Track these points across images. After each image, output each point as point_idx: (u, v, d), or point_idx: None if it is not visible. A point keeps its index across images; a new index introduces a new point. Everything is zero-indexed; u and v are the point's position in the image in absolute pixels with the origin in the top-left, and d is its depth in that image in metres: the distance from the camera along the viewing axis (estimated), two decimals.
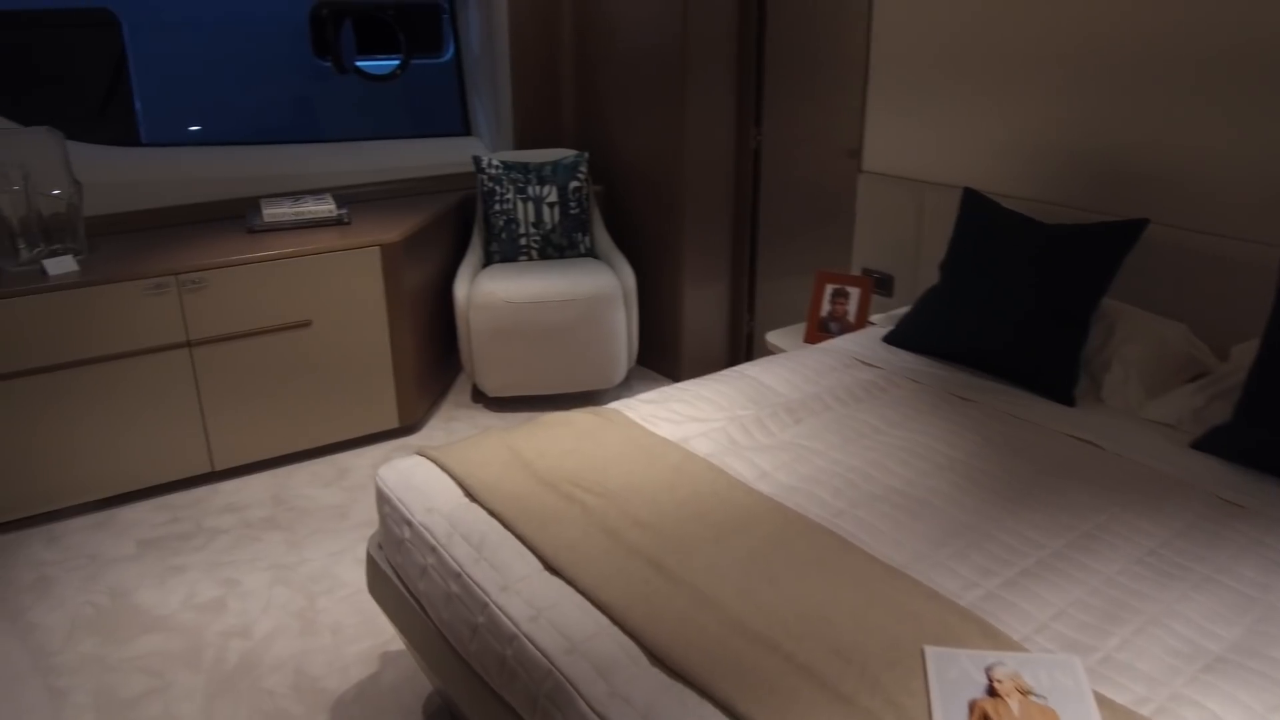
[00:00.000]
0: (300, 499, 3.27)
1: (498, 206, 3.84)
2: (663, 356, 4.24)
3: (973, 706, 1.35)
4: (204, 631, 2.59)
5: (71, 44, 3.78)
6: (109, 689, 2.37)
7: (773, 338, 3.39)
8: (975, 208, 2.81)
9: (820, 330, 3.27)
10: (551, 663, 1.50)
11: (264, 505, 3.23)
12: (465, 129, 4.59)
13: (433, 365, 3.89)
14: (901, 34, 3.26)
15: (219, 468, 3.34)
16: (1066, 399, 2.45)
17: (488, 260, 3.92)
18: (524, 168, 3.87)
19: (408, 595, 1.96)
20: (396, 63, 4.26)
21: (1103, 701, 1.37)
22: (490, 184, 3.84)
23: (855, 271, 3.51)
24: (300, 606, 2.70)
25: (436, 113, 4.60)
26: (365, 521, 3.13)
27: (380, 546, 2.13)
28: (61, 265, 3.03)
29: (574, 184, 3.89)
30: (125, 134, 3.89)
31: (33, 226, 3.09)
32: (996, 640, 1.49)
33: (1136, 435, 2.27)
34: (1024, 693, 1.38)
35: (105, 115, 3.89)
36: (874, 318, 3.09)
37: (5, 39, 3.61)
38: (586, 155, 3.95)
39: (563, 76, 4.40)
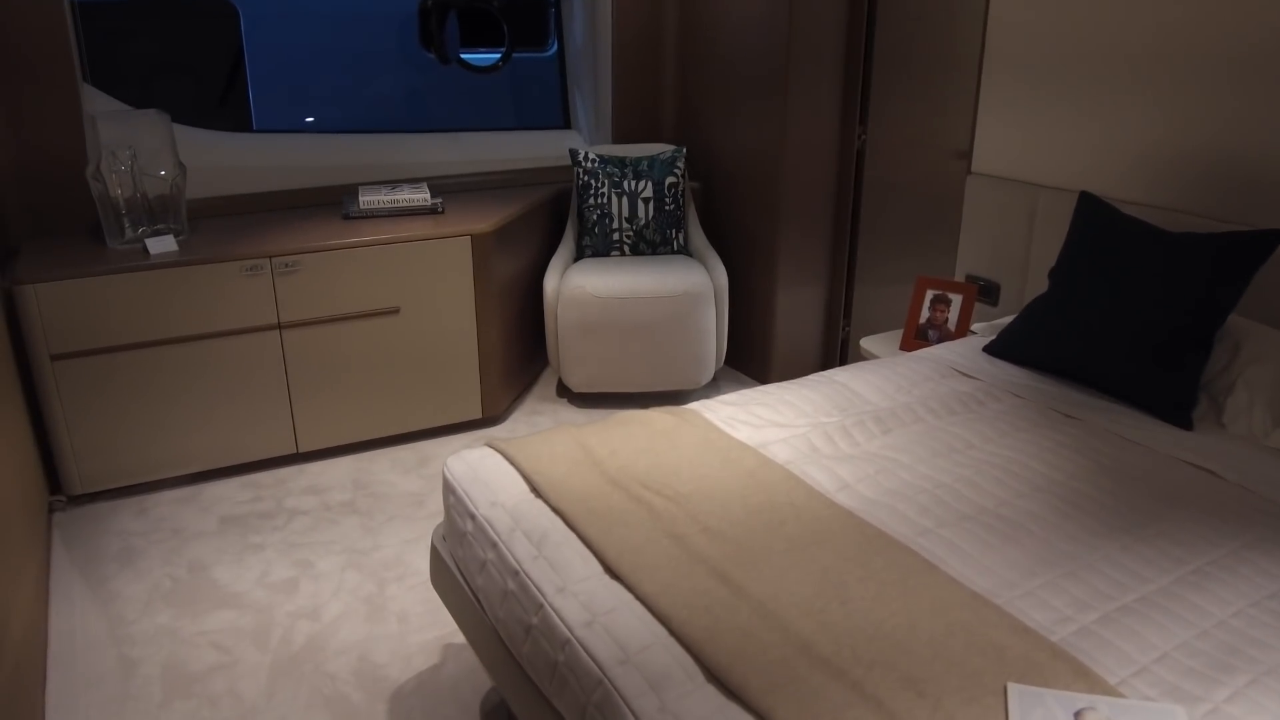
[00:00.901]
0: (380, 485, 3.27)
1: (592, 200, 3.79)
2: (752, 359, 4.13)
3: None
4: (274, 611, 2.60)
5: (196, 34, 3.89)
6: (178, 661, 2.39)
7: (867, 343, 3.25)
8: (1091, 213, 2.63)
9: (918, 338, 3.12)
10: (603, 672, 1.43)
11: (344, 489, 3.25)
12: (564, 122, 4.56)
13: (519, 358, 3.86)
14: (1018, 30, 3.09)
15: (304, 450, 3.37)
16: (1183, 422, 2.25)
17: (579, 254, 3.87)
18: (620, 162, 3.81)
19: (467, 589, 1.92)
20: (499, 55, 4.25)
21: None
22: (586, 177, 3.79)
23: (959, 278, 3.34)
24: (370, 592, 2.69)
25: (537, 106, 4.58)
26: (441, 510, 3.11)
27: (444, 538, 2.09)
28: (162, 244, 3.09)
29: (670, 180, 3.81)
30: (241, 122, 3.98)
31: (138, 207, 3.16)
32: (1089, 681, 1.35)
33: (1260, 465, 2.07)
34: None
35: (225, 103, 3.98)
36: (975, 326, 2.93)
37: (135, 28, 3.73)
38: (684, 151, 3.87)
39: (664, 72, 4.33)
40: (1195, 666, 1.41)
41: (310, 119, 4.15)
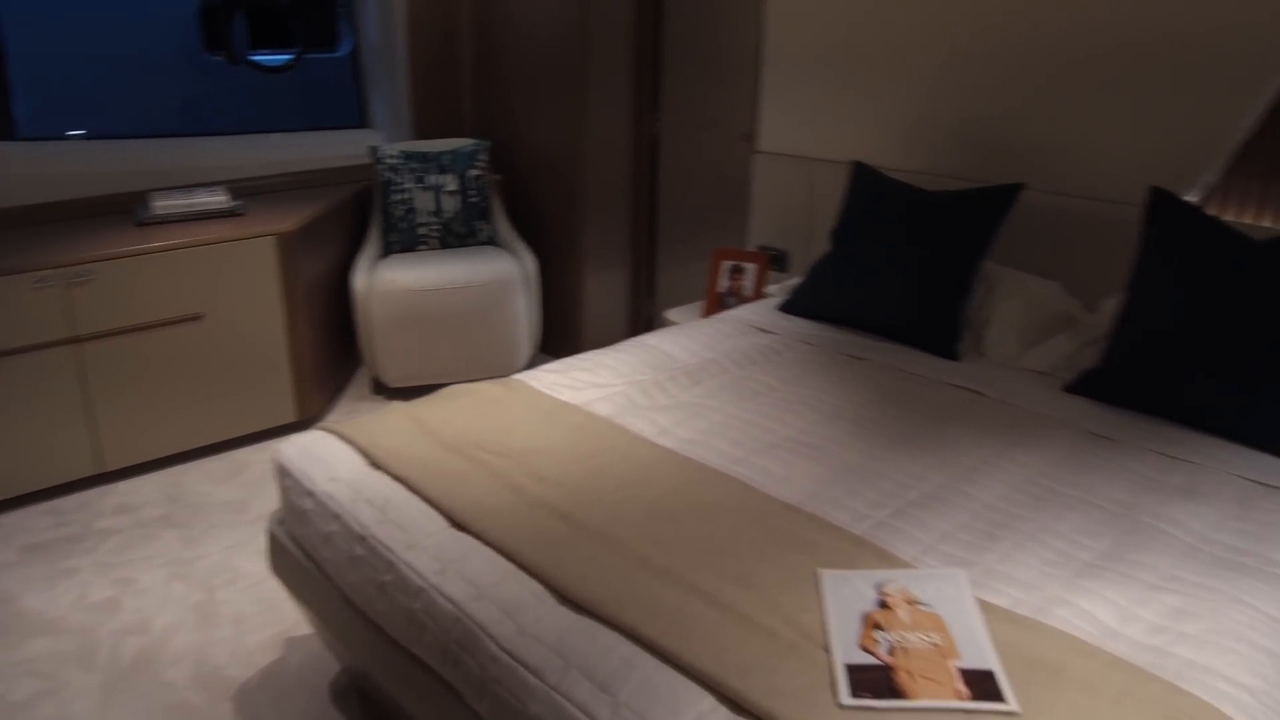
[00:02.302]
0: (196, 496, 3.19)
1: (396, 196, 3.82)
2: (564, 342, 4.27)
3: (865, 618, 1.42)
4: (97, 631, 2.51)
5: None
6: None
7: (672, 314, 3.45)
8: (863, 179, 2.92)
9: (719, 306, 3.35)
10: (460, 609, 1.52)
11: (158, 504, 3.15)
12: (362, 121, 4.55)
13: (332, 357, 3.84)
14: (792, 20, 3.37)
15: (111, 468, 3.24)
16: (950, 354, 2.56)
17: (386, 250, 3.89)
18: (423, 157, 3.86)
19: (311, 566, 1.95)
20: (291, 56, 4.20)
21: (984, 606, 1.45)
22: (388, 173, 3.82)
23: (752, 249, 3.60)
24: (199, 600, 2.64)
25: (333, 106, 4.54)
26: (265, 514, 3.08)
27: (282, 522, 2.11)
28: None
29: (473, 172, 3.90)
30: (3, 130, 3.75)
31: None
32: (888, 561, 1.57)
33: (1014, 382, 2.39)
34: (912, 603, 1.45)
35: None
36: (770, 289, 3.18)
37: None
38: (486, 144, 3.96)
39: (462, 67, 4.40)
40: (971, 540, 1.66)
41: (87, 124, 3.96)
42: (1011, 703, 1.25)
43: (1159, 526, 1.74)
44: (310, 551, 1.94)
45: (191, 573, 2.77)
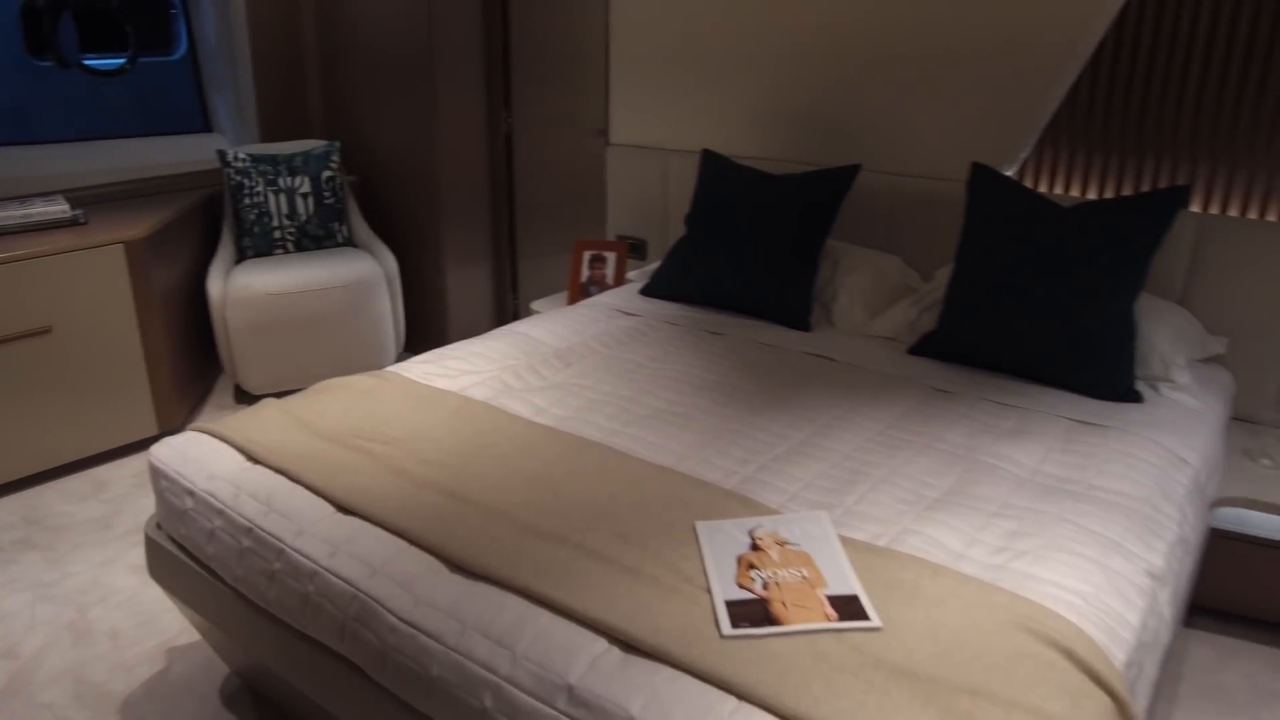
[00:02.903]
0: (55, 517, 3.08)
1: (248, 200, 3.76)
2: (430, 341, 4.29)
3: (740, 560, 1.54)
4: None
5: None
6: None
7: (537, 305, 3.52)
8: (712, 166, 3.06)
9: (582, 295, 3.44)
10: (355, 587, 1.57)
11: (14, 528, 3.02)
12: (205, 125, 4.44)
13: (192, 367, 3.75)
14: (636, 20, 3.49)
15: None
16: (803, 325, 2.73)
17: (241, 255, 3.82)
18: (273, 160, 3.81)
19: (194, 565, 1.95)
20: (124, 59, 4.06)
21: (846, 541, 1.59)
22: (238, 177, 3.75)
23: (611, 239, 3.71)
24: (71, 619, 2.57)
25: (173, 110, 4.41)
26: (133, 529, 3.00)
27: (159, 526, 2.08)
28: None
29: (327, 174, 3.87)
30: None
31: None
32: (756, 510, 1.70)
33: (863, 348, 2.58)
34: (781, 544, 1.58)
35: None
36: (631, 275, 3.30)
37: None
38: (338, 144, 3.94)
39: (307, 68, 4.34)
40: (831, 486, 1.81)
41: None
42: (875, 619, 1.39)
43: (994, 464, 1.94)
44: (193, 550, 1.93)
45: (59, 593, 2.68)
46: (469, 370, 2.40)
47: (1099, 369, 2.30)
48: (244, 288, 3.52)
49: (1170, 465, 2.00)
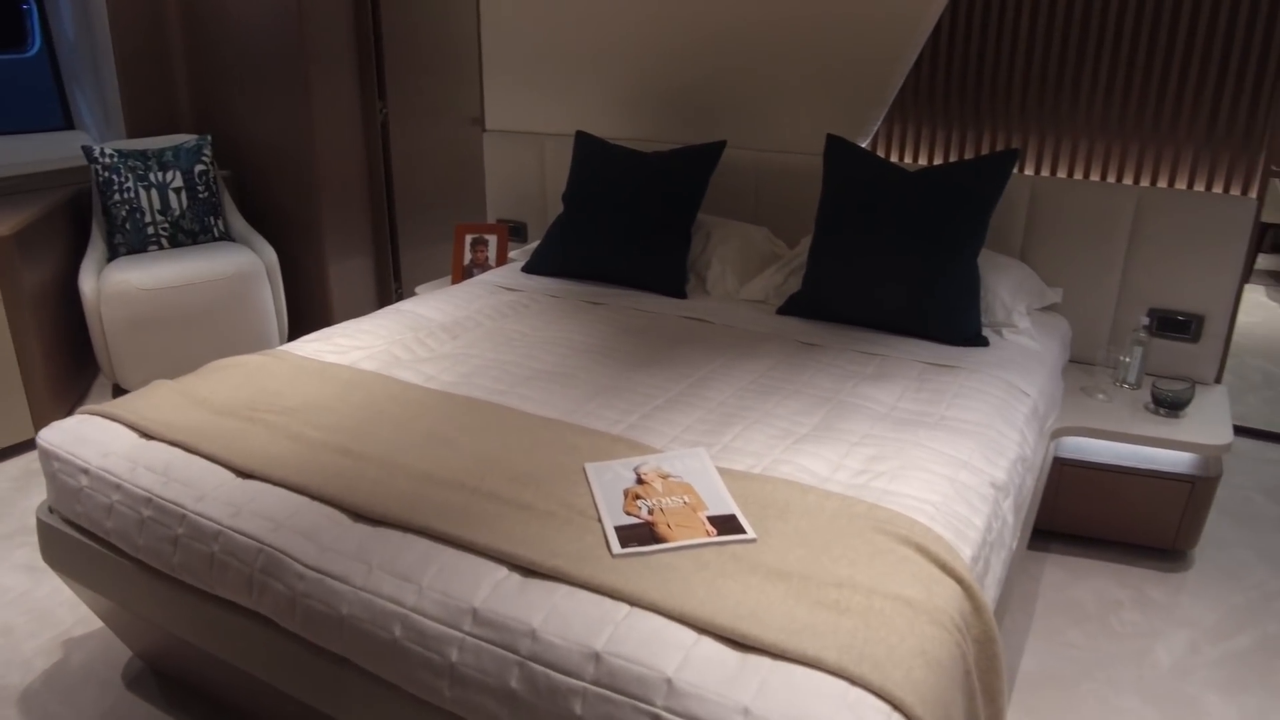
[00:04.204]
0: None
1: (118, 196, 3.70)
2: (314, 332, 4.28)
3: (627, 493, 1.66)
4: None
5: None
6: None
7: (421, 290, 3.58)
8: (586, 147, 3.18)
9: (465, 277, 3.52)
10: (260, 542, 1.63)
11: None
12: (67, 122, 4.32)
13: (67, 368, 3.67)
14: (507, 8, 3.58)
15: None
16: (679, 293, 2.88)
17: (113, 253, 3.75)
18: (142, 155, 3.75)
19: (93, 543, 1.96)
20: None
21: (723, 472, 1.74)
22: (106, 174, 3.69)
23: (491, 222, 3.79)
24: None
25: (30, 108, 4.28)
26: (17, 530, 2.94)
27: (51, 510, 2.08)
28: None
29: (199, 168, 3.83)
30: None
31: None
32: (641, 450, 1.83)
33: (735, 311, 2.74)
34: (665, 477, 1.71)
35: None
36: (513, 254, 3.39)
37: None
38: (209, 138, 3.90)
39: (173, 62, 4.28)
40: (709, 429, 1.95)
41: None
42: (750, 533, 1.54)
43: (858, 403, 2.11)
44: (91, 528, 1.95)
45: None
46: (358, 346, 2.46)
47: (948, 317, 2.52)
48: (119, 284, 3.46)
49: (1012, 396, 2.22)
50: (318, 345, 2.46)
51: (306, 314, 4.29)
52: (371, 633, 1.49)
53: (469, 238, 3.55)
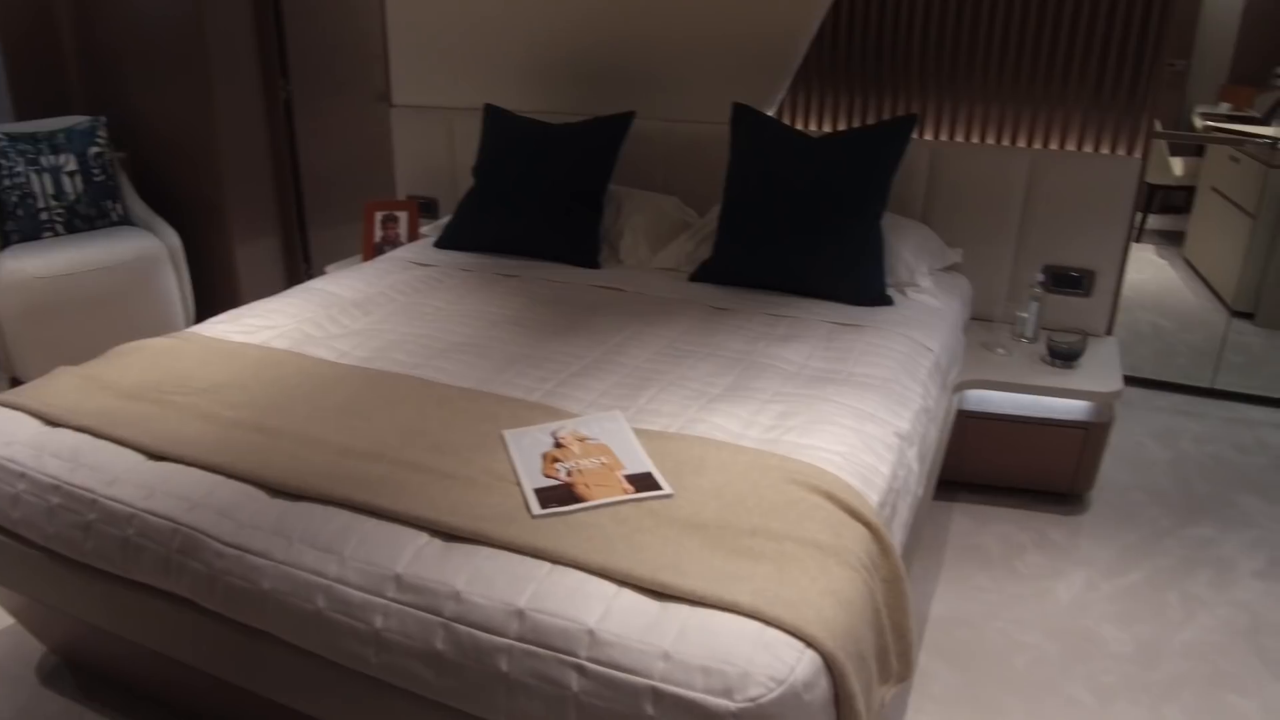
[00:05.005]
0: None
1: (8, 181, 3.56)
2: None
3: (545, 456, 1.69)
4: None
5: None
6: None
7: (331, 269, 3.54)
8: (495, 120, 3.17)
9: (376, 255, 3.48)
10: (176, 522, 1.61)
11: None
12: None
13: None
14: None
15: None
16: (592, 264, 2.90)
17: (6, 241, 3.62)
18: (32, 138, 3.62)
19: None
20: None
21: (640, 433, 1.77)
22: None
23: (401, 199, 3.75)
24: None
25: None
26: None
27: None
28: None
29: (94, 150, 3.71)
30: None
31: None
32: (558, 416, 1.85)
33: (648, 279, 2.78)
34: (582, 440, 1.74)
35: None
36: (425, 229, 3.37)
37: None
38: (103, 120, 3.78)
39: (62, 43, 4.11)
40: (624, 393, 1.98)
41: None
42: (667, 488, 1.58)
43: (768, 363, 2.17)
44: None
45: None
46: (268, 325, 2.42)
47: (854, 279, 2.59)
48: (13, 273, 3.34)
49: (915, 352, 2.30)
50: (226, 326, 2.42)
51: (214, 298, 4.19)
52: (294, 605, 1.49)
53: (379, 215, 3.51)
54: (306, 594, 1.48)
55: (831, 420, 1.86)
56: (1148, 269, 5.13)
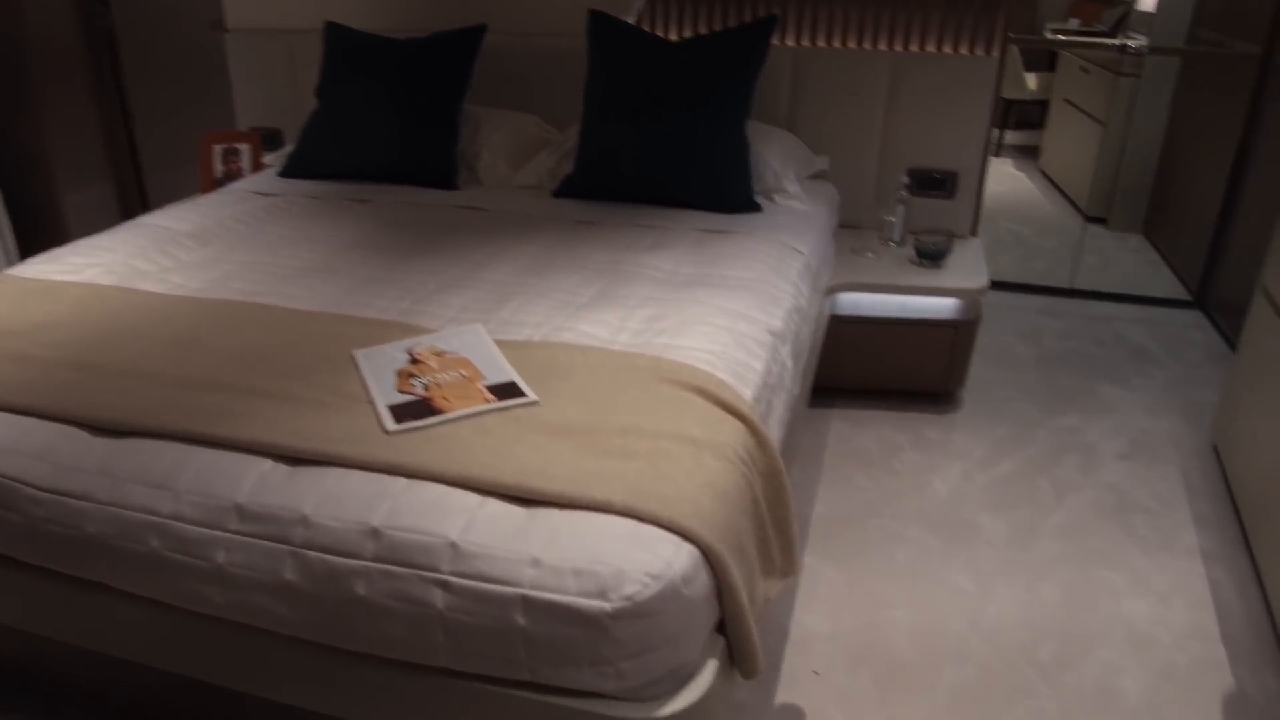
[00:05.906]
0: None
1: None
2: None
3: (400, 373, 1.57)
4: None
5: None
6: None
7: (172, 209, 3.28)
8: (336, 38, 2.96)
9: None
10: None
11: None
12: None
13: None
14: None
15: None
16: (450, 185, 2.76)
17: None
18: None
19: None
20: None
21: (502, 344, 1.67)
22: None
23: (242, 130, 3.50)
24: None
25: None
26: None
27: None
28: None
29: None
30: None
31: None
32: (415, 333, 1.73)
33: (510, 197, 2.66)
34: (440, 354, 1.63)
35: None
36: (268, 160, 3.16)
37: None
38: None
39: None
40: (486, 307, 1.88)
41: None
42: (531, 395, 1.49)
43: (637, 271, 2.09)
44: None
45: None
46: (93, 263, 2.21)
47: (720, 186, 2.53)
48: None
49: (785, 254, 2.26)
50: (45, 266, 2.19)
51: (40, 249, 3.86)
52: (125, 548, 1.35)
53: (219, 149, 3.26)
54: (137, 535, 1.34)
55: (703, 320, 1.80)
56: (1007, 181, 5.26)
